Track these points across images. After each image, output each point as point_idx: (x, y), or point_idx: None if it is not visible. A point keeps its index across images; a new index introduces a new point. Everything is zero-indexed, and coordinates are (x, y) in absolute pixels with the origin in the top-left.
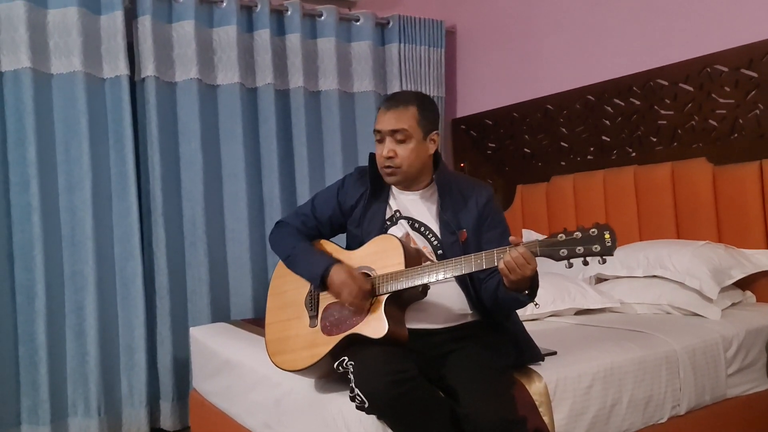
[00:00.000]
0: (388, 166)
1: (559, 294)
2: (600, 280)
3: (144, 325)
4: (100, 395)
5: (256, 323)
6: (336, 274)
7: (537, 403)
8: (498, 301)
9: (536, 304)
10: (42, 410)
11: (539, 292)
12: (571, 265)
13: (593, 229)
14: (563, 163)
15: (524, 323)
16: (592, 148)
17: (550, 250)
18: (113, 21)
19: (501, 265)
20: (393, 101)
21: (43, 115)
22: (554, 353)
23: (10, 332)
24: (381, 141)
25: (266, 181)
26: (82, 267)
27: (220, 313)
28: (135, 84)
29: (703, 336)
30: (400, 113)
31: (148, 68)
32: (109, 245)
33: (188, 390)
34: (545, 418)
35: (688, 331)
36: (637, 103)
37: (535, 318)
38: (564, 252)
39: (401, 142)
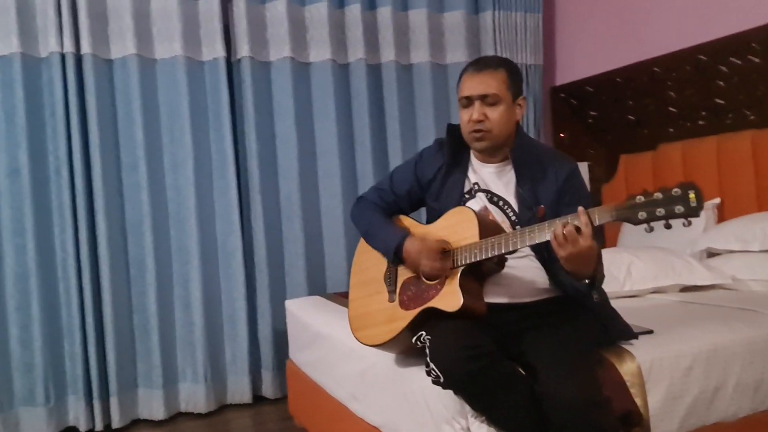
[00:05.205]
0: (478, 130)
1: (662, 269)
2: (711, 254)
3: (245, 297)
4: (206, 363)
5: (348, 297)
6: (410, 245)
7: (628, 384)
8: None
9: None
10: (155, 375)
11: (639, 266)
12: (651, 229)
13: (676, 189)
14: (671, 130)
15: (621, 299)
16: (704, 113)
17: (628, 212)
18: (210, 5)
19: (550, 237)
20: (480, 64)
21: (148, 98)
22: (650, 332)
23: (126, 302)
24: (468, 106)
25: (359, 156)
26: (186, 242)
27: (316, 287)
28: (231, 65)
29: None
30: (489, 77)
31: (244, 49)
32: (211, 221)
33: (286, 360)
34: (637, 400)
35: None
36: (757, 60)
37: (634, 294)
38: (643, 215)
39: (491, 105)
